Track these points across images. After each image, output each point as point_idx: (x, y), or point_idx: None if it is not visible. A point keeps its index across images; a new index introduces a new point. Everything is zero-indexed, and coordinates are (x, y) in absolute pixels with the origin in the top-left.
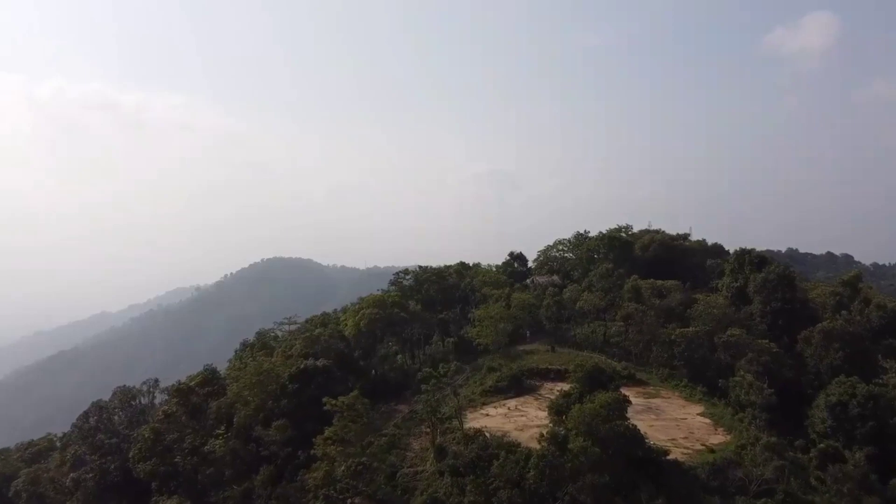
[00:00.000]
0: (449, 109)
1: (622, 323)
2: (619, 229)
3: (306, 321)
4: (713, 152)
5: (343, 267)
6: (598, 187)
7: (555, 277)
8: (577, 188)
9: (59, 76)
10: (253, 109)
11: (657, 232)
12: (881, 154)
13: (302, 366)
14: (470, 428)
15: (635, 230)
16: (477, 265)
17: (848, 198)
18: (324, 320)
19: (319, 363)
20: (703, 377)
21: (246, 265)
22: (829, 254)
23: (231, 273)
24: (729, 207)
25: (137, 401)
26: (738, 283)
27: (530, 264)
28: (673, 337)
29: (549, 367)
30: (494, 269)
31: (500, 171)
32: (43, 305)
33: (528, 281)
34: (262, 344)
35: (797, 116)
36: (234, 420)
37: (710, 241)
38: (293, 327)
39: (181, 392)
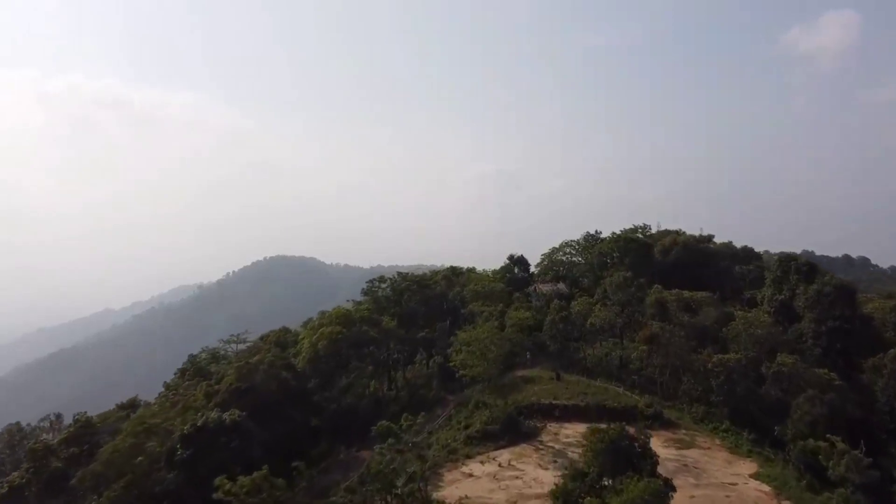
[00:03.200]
0: (452, 110)
1: (644, 346)
2: (634, 229)
3: (261, 338)
4: (720, 153)
5: (346, 266)
6: (603, 187)
7: (561, 285)
8: (581, 188)
9: (71, 72)
10: (260, 109)
11: (678, 233)
12: (882, 154)
13: (199, 422)
14: (442, 503)
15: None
16: (471, 270)
17: (855, 198)
18: (279, 337)
19: (227, 416)
20: (749, 417)
21: (248, 263)
22: (847, 256)
23: (233, 271)
24: (733, 208)
25: (34, 441)
26: (783, 296)
27: (532, 269)
28: (710, 365)
29: (554, 402)
30: (491, 274)
31: (503, 170)
32: (47, 302)
33: (529, 289)
34: (197, 370)
35: (809, 117)
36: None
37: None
38: (243, 346)
39: (35, 454)
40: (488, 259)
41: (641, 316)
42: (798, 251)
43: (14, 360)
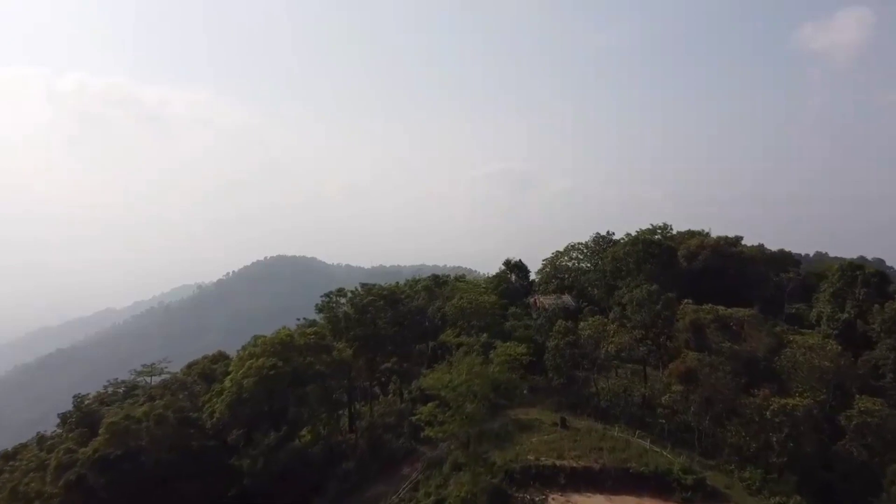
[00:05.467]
0: (459, 109)
1: (679, 385)
2: (653, 230)
3: (189, 366)
4: (728, 151)
5: (348, 266)
6: (611, 187)
7: (566, 297)
8: (589, 187)
9: (80, 70)
10: (267, 108)
11: (703, 234)
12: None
13: None
14: None
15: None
16: (459, 279)
17: (867, 198)
18: (205, 369)
19: None
20: (821, 485)
21: (248, 263)
22: (862, 258)
23: (233, 271)
24: (740, 208)
25: None
26: (848, 315)
27: (533, 275)
28: (768, 414)
29: (559, 462)
30: (483, 283)
31: (510, 169)
32: (50, 300)
33: (529, 300)
34: (84, 415)
35: (820, 115)
36: None
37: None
38: (159, 378)
39: None
40: (491, 260)
41: (670, 340)
42: (811, 252)
43: (15, 359)
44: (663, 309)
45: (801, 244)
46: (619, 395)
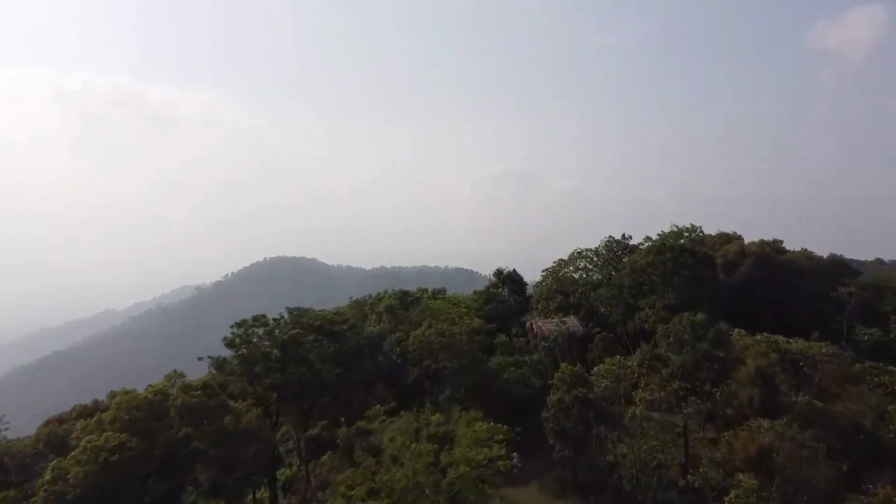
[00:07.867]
0: (461, 109)
1: (750, 474)
2: (678, 233)
3: (46, 423)
4: (737, 150)
5: (349, 267)
6: (613, 187)
7: (571, 321)
8: (592, 188)
9: (86, 70)
10: (267, 110)
11: (738, 238)
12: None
13: None
14: None
15: (700, 233)
16: (436, 295)
17: (879, 198)
18: (53, 434)
19: None
20: None
21: (248, 264)
22: (879, 260)
23: (232, 272)
24: (749, 208)
25: None
26: None
27: (531, 288)
28: None
29: None
30: (468, 300)
31: (512, 170)
32: (50, 301)
33: (524, 319)
34: None
35: (825, 116)
36: None
37: None
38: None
39: None
40: (493, 261)
41: (717, 386)
42: (824, 254)
43: (14, 360)
44: (712, 346)
45: (807, 245)
46: (648, 466)
